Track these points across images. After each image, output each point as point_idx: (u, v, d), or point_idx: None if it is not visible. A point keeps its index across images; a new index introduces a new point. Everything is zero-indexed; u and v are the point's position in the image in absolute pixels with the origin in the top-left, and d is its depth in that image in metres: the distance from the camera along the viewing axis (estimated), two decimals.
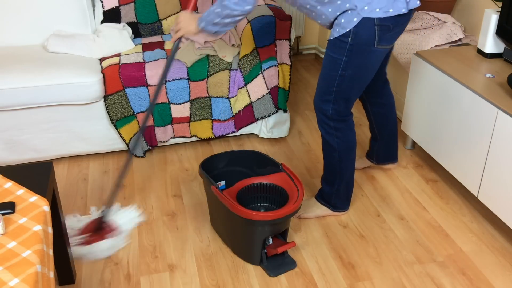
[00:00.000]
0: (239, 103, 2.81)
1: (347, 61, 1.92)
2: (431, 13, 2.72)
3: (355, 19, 1.83)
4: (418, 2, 1.94)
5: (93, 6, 3.02)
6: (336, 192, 2.28)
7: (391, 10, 1.83)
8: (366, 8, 1.81)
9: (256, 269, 2.08)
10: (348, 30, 1.86)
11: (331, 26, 1.98)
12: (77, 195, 2.52)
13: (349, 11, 1.84)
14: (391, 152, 2.58)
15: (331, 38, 1.94)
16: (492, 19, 2.41)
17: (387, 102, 2.41)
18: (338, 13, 1.87)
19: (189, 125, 2.82)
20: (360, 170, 2.70)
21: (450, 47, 2.67)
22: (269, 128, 2.91)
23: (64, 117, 2.64)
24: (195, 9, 2.00)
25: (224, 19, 1.91)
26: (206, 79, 2.72)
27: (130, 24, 3.03)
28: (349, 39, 1.87)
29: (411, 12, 1.95)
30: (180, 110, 2.76)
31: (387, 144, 2.53)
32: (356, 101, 2.42)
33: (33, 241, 1.38)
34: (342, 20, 1.87)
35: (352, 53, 1.90)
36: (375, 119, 2.45)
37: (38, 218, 1.47)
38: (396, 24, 1.89)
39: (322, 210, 2.33)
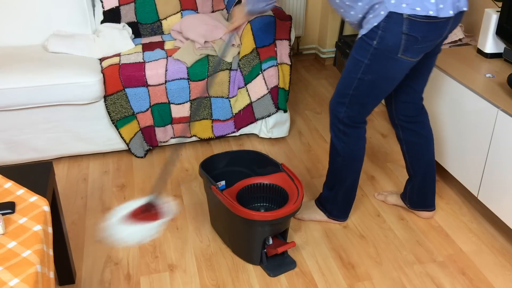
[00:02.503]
0: (239, 103, 2.81)
1: (368, 64, 1.85)
2: None
3: (382, 12, 1.74)
4: (451, 12, 1.75)
5: (93, 6, 3.02)
6: (333, 198, 2.24)
7: (418, 9, 1.71)
8: (393, 1, 1.72)
9: (256, 269, 2.08)
10: (375, 25, 1.76)
11: (359, 25, 1.89)
12: (77, 195, 2.52)
13: (377, 5, 1.76)
14: (427, 197, 2.31)
15: (358, 37, 1.87)
16: (492, 19, 2.41)
17: (423, 131, 2.19)
18: (367, 7, 1.79)
19: (189, 125, 2.82)
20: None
21: (450, 47, 2.67)
22: (269, 128, 2.91)
23: (64, 117, 2.64)
24: None
25: None
26: (206, 79, 2.71)
27: (130, 24, 3.03)
28: (374, 42, 1.80)
29: (444, 25, 1.79)
30: (180, 110, 2.76)
31: (421, 186, 2.27)
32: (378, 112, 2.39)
33: (33, 241, 1.38)
34: (370, 16, 1.78)
35: (375, 58, 1.83)
36: (408, 150, 2.23)
37: (38, 218, 1.47)
38: (425, 36, 1.77)
39: (318, 214, 2.31)
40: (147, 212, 2.16)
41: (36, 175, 1.73)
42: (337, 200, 2.24)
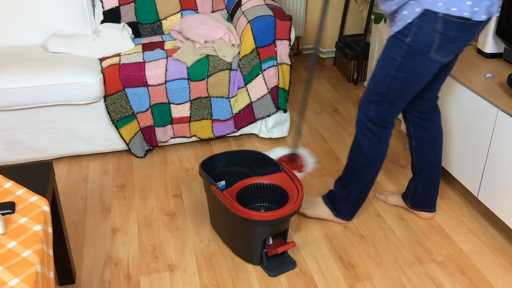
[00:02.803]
0: (239, 103, 2.81)
1: (401, 62, 1.84)
2: None
3: (417, 9, 1.73)
4: (484, 17, 1.73)
5: (93, 6, 3.02)
6: (346, 197, 2.22)
7: (454, 9, 1.70)
8: None
9: (256, 269, 2.08)
10: (409, 22, 1.75)
11: (391, 17, 1.88)
12: (77, 195, 2.52)
13: (412, 1, 1.74)
14: (429, 198, 2.31)
15: (391, 34, 1.85)
16: (492, 19, 2.41)
17: (434, 130, 2.18)
18: (402, 1, 1.77)
19: (189, 125, 2.82)
20: None
21: None
22: (269, 128, 2.91)
23: (64, 117, 2.64)
24: None
25: None
26: (206, 79, 2.72)
27: (130, 24, 3.03)
28: (408, 39, 1.78)
29: (476, 27, 1.78)
30: (180, 110, 2.76)
31: (425, 186, 2.27)
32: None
33: (33, 241, 1.38)
34: (404, 12, 1.77)
35: (408, 55, 1.82)
36: (416, 147, 2.22)
37: (38, 218, 1.47)
38: (457, 36, 1.77)
39: (324, 211, 2.30)
40: (292, 162, 2.35)
41: (36, 175, 1.73)
42: (349, 199, 2.22)
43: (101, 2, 2.99)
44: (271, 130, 2.93)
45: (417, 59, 1.82)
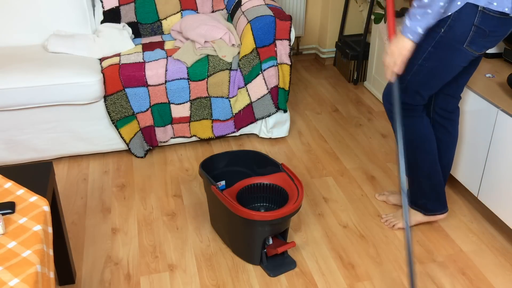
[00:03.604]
0: (239, 103, 2.81)
1: (431, 52, 1.85)
2: None
3: (459, 3, 1.74)
4: None
5: (93, 6, 3.03)
6: (420, 191, 2.17)
7: (495, 4, 1.70)
8: None
9: (256, 269, 2.08)
10: (448, 15, 1.76)
11: None
12: (77, 195, 2.52)
13: None
14: (440, 199, 2.25)
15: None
16: None
17: (452, 130, 2.18)
18: None
19: (189, 125, 2.82)
20: (360, 170, 2.70)
21: None
22: (269, 128, 2.91)
23: (64, 117, 2.64)
24: (394, 32, 1.91)
25: (426, 8, 1.73)
26: (206, 79, 2.72)
27: (130, 24, 3.03)
28: (442, 30, 1.79)
29: (511, 23, 1.78)
30: (180, 110, 2.76)
31: (435, 187, 2.22)
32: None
33: (33, 241, 1.38)
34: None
35: (439, 45, 1.82)
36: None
37: (38, 218, 1.47)
38: (493, 31, 1.77)
39: (414, 216, 2.24)
40: None
41: (36, 175, 1.73)
42: (425, 191, 2.17)
43: (101, 2, 2.99)
44: (271, 130, 2.93)
45: (448, 49, 1.82)
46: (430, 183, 2.15)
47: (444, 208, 2.23)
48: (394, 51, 1.84)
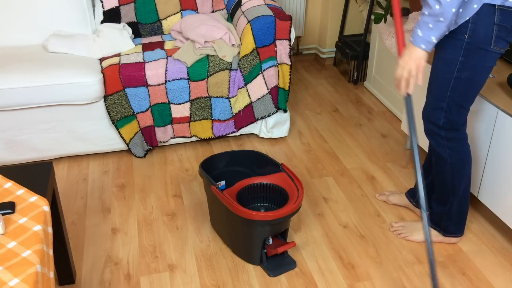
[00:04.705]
0: (239, 103, 2.81)
1: (463, 61, 1.80)
2: None
3: (475, 6, 1.70)
4: None
5: (93, 6, 3.03)
6: (448, 213, 2.10)
7: (510, 0, 1.68)
8: None
9: (256, 269, 2.08)
10: (466, 20, 1.73)
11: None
12: (77, 195, 2.52)
13: None
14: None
15: (445, 35, 1.82)
16: None
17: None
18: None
19: (189, 125, 2.82)
20: (360, 170, 2.70)
21: None
22: (269, 128, 2.91)
23: (64, 117, 2.64)
24: (403, 45, 1.85)
25: (438, 16, 1.67)
26: (206, 79, 2.72)
27: (130, 24, 3.03)
28: (466, 37, 1.75)
29: None
30: (180, 110, 2.76)
31: (431, 186, 2.23)
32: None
33: (33, 241, 1.38)
34: (461, 10, 1.72)
35: (468, 53, 1.78)
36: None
37: (38, 218, 1.47)
38: None
39: (432, 234, 2.17)
40: None
41: (36, 175, 1.73)
42: (452, 213, 2.11)
43: (101, 2, 2.99)
44: (271, 130, 2.93)
45: (479, 54, 1.78)
46: (460, 207, 2.10)
47: (462, 232, 2.19)
48: (408, 63, 1.78)
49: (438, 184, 2.09)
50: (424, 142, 2.58)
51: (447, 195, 2.07)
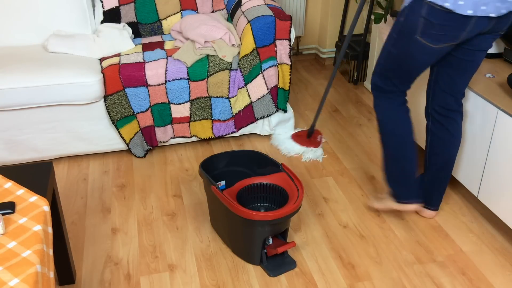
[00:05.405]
0: (239, 103, 2.81)
1: (396, 39, 1.97)
2: None
3: None
4: (470, 12, 1.76)
5: (93, 6, 3.03)
6: (389, 174, 2.21)
7: (447, 5, 1.76)
8: None
9: (256, 269, 2.08)
10: (404, 6, 1.90)
11: None
12: (77, 195, 2.52)
13: None
14: (433, 196, 2.30)
15: None
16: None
17: (452, 129, 2.17)
18: None
19: (189, 125, 2.82)
20: (360, 170, 2.70)
21: None
22: (272, 126, 2.91)
23: (64, 117, 2.64)
24: None
25: None
26: (206, 79, 2.72)
27: (130, 24, 3.03)
28: (402, 19, 1.92)
29: (465, 21, 1.80)
30: (180, 110, 2.76)
31: (431, 183, 2.28)
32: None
33: (33, 241, 1.38)
34: None
35: (400, 33, 1.95)
36: (431, 142, 2.23)
37: (38, 218, 1.47)
38: (441, 24, 1.82)
39: (388, 201, 2.28)
40: (308, 138, 2.89)
41: (36, 175, 1.73)
42: (393, 174, 2.21)
43: (101, 2, 2.99)
44: (275, 128, 2.93)
45: (406, 38, 1.93)
46: (399, 168, 2.18)
47: (415, 198, 2.22)
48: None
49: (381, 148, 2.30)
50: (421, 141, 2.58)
51: (384, 157, 2.22)
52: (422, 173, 2.32)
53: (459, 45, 1.98)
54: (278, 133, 2.95)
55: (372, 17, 3.36)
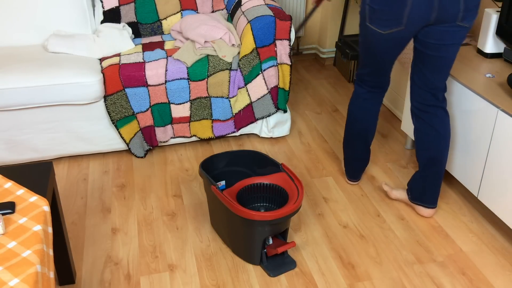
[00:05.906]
0: (239, 103, 2.81)
1: (360, 27, 2.13)
2: None
3: None
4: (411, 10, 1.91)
5: (93, 6, 3.03)
6: (345, 156, 2.52)
7: None
8: None
9: (256, 269, 2.08)
10: None
11: None
12: (77, 195, 2.52)
13: None
14: (426, 192, 2.29)
15: None
16: (492, 19, 2.41)
17: (434, 124, 2.17)
18: None
19: (189, 125, 2.82)
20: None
21: None
22: (270, 127, 2.91)
23: (64, 117, 2.64)
24: None
25: None
26: (206, 79, 2.72)
27: (130, 24, 3.03)
28: (360, 9, 2.10)
29: (401, 4, 1.90)
30: (180, 110, 2.76)
31: (422, 179, 2.27)
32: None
33: (33, 241, 1.38)
34: None
35: (360, 23, 2.12)
36: (416, 138, 2.25)
37: (38, 218, 1.47)
38: (381, 9, 1.96)
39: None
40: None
41: (36, 175, 1.73)
42: (345, 156, 2.52)
43: (101, 2, 2.99)
44: (272, 130, 2.93)
45: (362, 26, 2.11)
46: (347, 149, 2.47)
47: (353, 177, 2.56)
48: None
49: None
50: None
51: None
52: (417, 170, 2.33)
53: (422, 39, 2.03)
54: None
55: None
